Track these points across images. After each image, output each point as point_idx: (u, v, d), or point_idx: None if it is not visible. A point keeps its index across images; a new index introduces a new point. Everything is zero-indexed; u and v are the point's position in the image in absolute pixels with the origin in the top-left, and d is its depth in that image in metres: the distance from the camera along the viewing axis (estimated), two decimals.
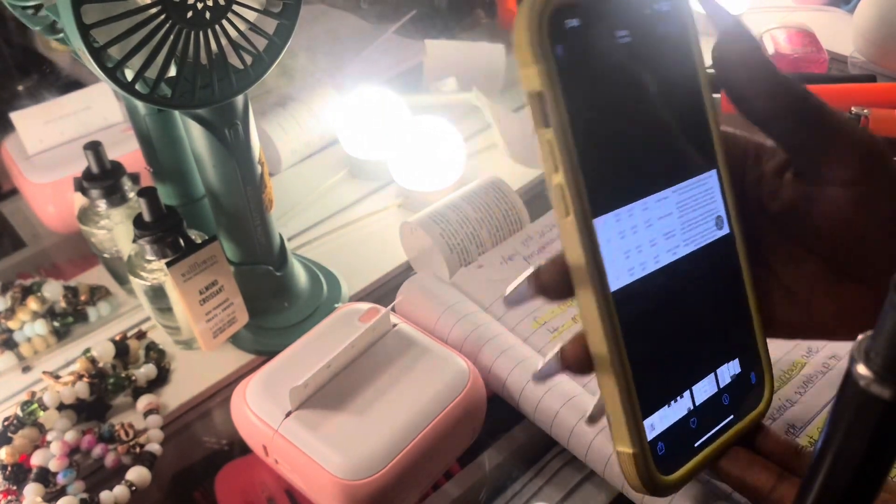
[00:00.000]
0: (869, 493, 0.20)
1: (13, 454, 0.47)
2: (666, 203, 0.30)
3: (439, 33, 0.90)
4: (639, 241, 0.29)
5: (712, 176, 0.32)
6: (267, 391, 0.44)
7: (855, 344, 0.18)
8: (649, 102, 0.29)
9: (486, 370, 0.47)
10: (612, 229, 0.28)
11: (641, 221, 0.29)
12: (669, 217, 0.30)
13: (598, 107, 0.28)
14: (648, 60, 0.29)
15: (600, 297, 0.28)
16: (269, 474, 0.47)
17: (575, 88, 0.27)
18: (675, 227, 0.31)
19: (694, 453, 0.32)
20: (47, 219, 0.66)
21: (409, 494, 0.43)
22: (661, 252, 0.30)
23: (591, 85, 0.28)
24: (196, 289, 0.48)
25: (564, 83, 0.27)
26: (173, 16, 0.38)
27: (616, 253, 0.29)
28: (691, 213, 0.31)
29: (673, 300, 0.31)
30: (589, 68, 0.28)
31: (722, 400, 0.33)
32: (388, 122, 0.68)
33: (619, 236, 0.29)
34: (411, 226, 0.56)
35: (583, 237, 0.28)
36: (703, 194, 0.32)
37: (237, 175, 0.48)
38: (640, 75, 0.29)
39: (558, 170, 0.27)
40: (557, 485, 0.45)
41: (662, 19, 0.30)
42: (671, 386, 0.31)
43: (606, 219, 0.28)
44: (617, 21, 0.28)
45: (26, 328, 0.55)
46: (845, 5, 0.92)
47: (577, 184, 0.27)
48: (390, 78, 0.82)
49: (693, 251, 0.31)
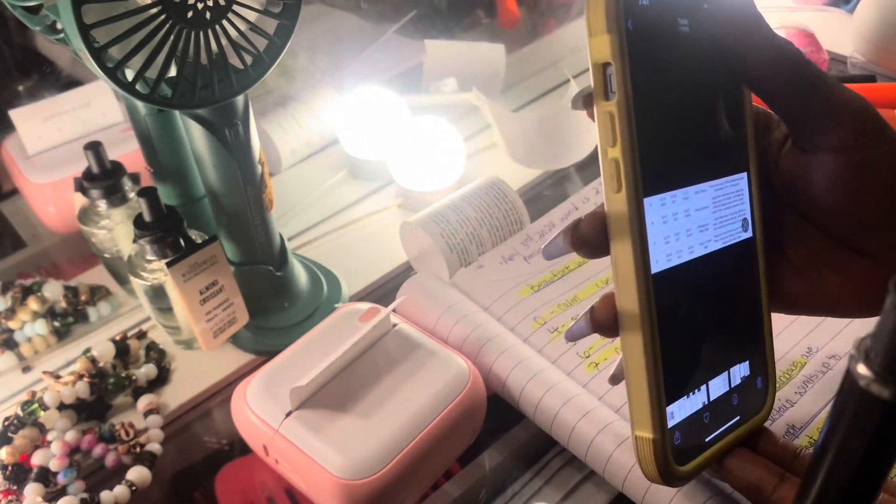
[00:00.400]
0: (869, 493, 0.20)
1: (13, 454, 0.47)
2: (704, 196, 0.30)
3: (439, 33, 0.90)
4: (678, 229, 0.30)
5: (744, 178, 0.32)
6: (267, 391, 0.44)
7: (855, 344, 0.18)
8: (700, 95, 0.30)
9: (486, 370, 0.47)
10: (657, 212, 0.29)
11: (682, 210, 0.30)
12: (705, 210, 0.31)
13: (659, 89, 0.28)
14: (703, 54, 0.30)
15: (641, 276, 0.28)
16: (269, 474, 0.47)
17: (640, 65, 0.27)
18: (708, 222, 0.31)
19: (704, 448, 0.32)
20: (47, 219, 0.66)
21: (409, 494, 0.43)
22: (695, 243, 0.31)
23: (654, 65, 0.28)
24: (196, 289, 0.48)
25: (632, 57, 0.27)
26: (173, 16, 0.38)
27: (658, 236, 0.29)
28: (723, 211, 0.31)
29: (700, 293, 0.31)
30: (655, 48, 0.28)
31: (732, 400, 0.33)
32: (388, 122, 0.68)
33: (661, 220, 0.29)
34: (411, 226, 0.56)
35: (631, 215, 0.28)
36: (734, 195, 0.32)
37: (237, 175, 0.48)
38: (695, 67, 0.29)
39: (615, 144, 0.27)
40: (557, 485, 0.45)
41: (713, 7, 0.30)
42: (692, 376, 0.32)
43: (654, 200, 0.28)
44: (681, 8, 0.29)
45: (26, 328, 0.55)
46: (845, 5, 0.92)
47: (633, 161, 0.27)
48: (390, 78, 0.82)
49: (721, 248, 0.32)
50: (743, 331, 0.34)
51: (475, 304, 0.52)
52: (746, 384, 0.34)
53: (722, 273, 0.32)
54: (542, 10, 0.95)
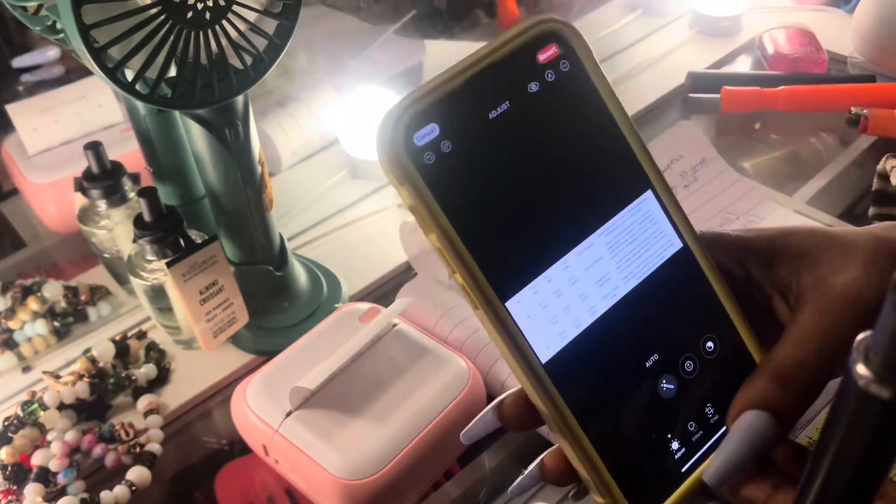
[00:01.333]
0: (868, 493, 0.20)
1: (13, 454, 0.47)
2: (592, 250, 0.29)
3: (439, 33, 0.90)
4: (566, 303, 0.28)
5: (647, 198, 0.30)
6: (267, 391, 0.44)
7: (855, 344, 0.18)
8: (543, 166, 0.28)
9: (486, 372, 0.47)
10: (529, 305, 0.27)
11: (565, 281, 0.28)
12: (601, 262, 0.29)
13: (488, 193, 0.27)
14: (533, 117, 0.28)
15: (529, 373, 0.27)
16: (269, 474, 0.47)
17: (452, 190, 0.26)
18: (609, 270, 0.29)
19: (682, 479, 0.31)
20: (47, 219, 0.66)
21: (409, 494, 0.43)
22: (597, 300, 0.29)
23: (468, 181, 0.27)
24: (196, 289, 0.48)
25: (439, 190, 0.26)
26: (173, 16, 0.38)
27: (541, 325, 0.27)
28: (628, 247, 0.29)
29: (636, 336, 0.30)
30: (462, 162, 0.27)
31: (708, 418, 0.32)
32: None
33: (540, 307, 0.27)
34: (411, 226, 0.56)
35: (497, 326, 0.27)
36: (638, 222, 0.30)
37: (237, 175, 0.48)
38: (525, 140, 0.27)
39: (455, 272, 0.27)
40: None
41: (538, 69, 0.28)
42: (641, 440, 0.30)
43: (520, 297, 0.27)
44: (481, 100, 0.27)
45: (27, 328, 0.55)
46: (845, 5, 0.92)
47: (477, 279, 0.26)
48: (390, 78, 0.82)
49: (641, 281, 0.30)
50: (696, 334, 0.31)
51: None
52: (724, 390, 0.32)
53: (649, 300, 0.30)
54: (542, 11, 0.95)
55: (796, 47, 0.80)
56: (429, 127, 0.26)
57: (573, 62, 0.28)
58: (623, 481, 0.29)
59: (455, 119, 0.26)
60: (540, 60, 0.27)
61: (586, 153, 0.28)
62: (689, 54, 0.86)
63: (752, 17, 0.89)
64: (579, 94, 0.28)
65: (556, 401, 0.28)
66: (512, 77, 0.27)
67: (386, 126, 0.26)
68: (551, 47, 0.28)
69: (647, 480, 0.30)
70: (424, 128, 0.26)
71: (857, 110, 0.68)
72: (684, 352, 0.31)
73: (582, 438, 0.28)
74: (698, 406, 0.31)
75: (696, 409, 0.31)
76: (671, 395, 0.31)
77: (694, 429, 0.31)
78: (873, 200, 0.59)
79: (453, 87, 0.27)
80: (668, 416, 0.31)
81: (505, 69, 0.27)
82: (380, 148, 0.26)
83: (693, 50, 0.87)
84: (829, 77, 0.78)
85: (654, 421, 0.30)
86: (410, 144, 0.26)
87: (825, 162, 0.69)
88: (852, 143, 0.71)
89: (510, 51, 0.27)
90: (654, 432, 0.30)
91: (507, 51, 0.27)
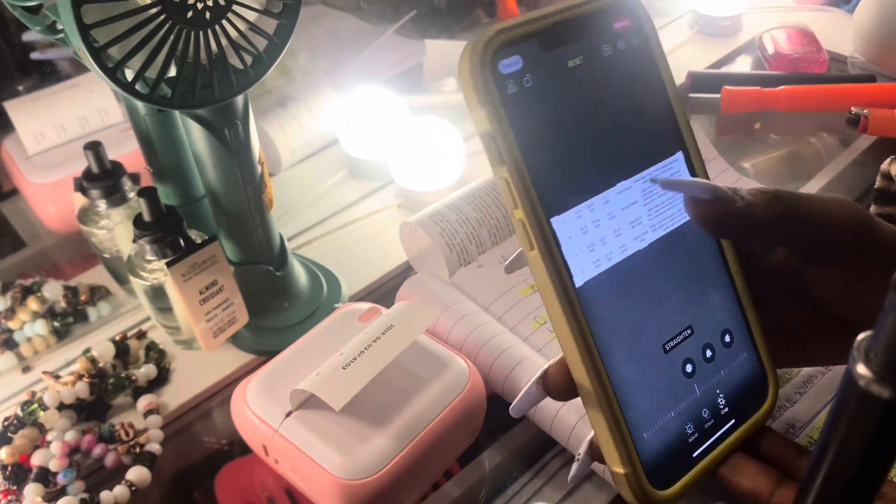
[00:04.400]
0: (868, 493, 0.20)
1: (13, 454, 0.47)
2: (629, 193, 0.31)
3: (439, 33, 0.90)
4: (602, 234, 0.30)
5: (678, 159, 0.32)
6: (267, 391, 0.44)
7: (855, 344, 0.18)
8: (600, 117, 0.30)
9: (486, 370, 0.47)
10: (571, 227, 0.29)
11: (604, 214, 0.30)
12: (635, 205, 0.31)
13: (551, 134, 0.29)
14: (601, 75, 0.30)
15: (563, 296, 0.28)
16: (269, 474, 0.47)
17: (524, 123, 0.28)
18: (641, 215, 0.31)
19: (693, 464, 0.31)
20: (47, 219, 0.66)
21: (409, 494, 0.43)
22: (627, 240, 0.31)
23: (541, 116, 0.28)
24: (196, 289, 0.48)
25: (514, 120, 0.27)
26: (173, 16, 0.38)
27: (579, 249, 0.29)
28: (658, 199, 0.32)
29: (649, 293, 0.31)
30: (537, 100, 0.28)
31: (720, 407, 0.32)
32: (388, 122, 0.68)
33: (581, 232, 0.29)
34: (411, 226, 0.56)
35: (548, 265, 0.28)
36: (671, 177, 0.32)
37: (237, 175, 0.48)
38: (592, 92, 0.30)
39: (517, 206, 0.28)
40: (557, 485, 0.45)
41: (615, 34, 0.30)
42: (663, 393, 0.31)
43: (564, 217, 0.29)
44: (564, 48, 0.29)
45: (26, 328, 0.55)
46: (845, 5, 0.92)
47: (539, 218, 0.28)
48: (390, 78, 0.82)
49: (663, 235, 0.31)
50: (718, 321, 0.33)
51: (475, 303, 0.52)
52: (736, 384, 0.33)
53: (674, 261, 0.32)
54: None
55: (796, 47, 0.80)
56: (514, 58, 0.28)
57: (641, 37, 0.31)
58: (642, 450, 0.30)
59: (539, 58, 0.28)
60: (615, 28, 0.30)
61: (637, 114, 0.31)
62: (689, 54, 0.86)
63: (752, 17, 0.89)
64: (641, 66, 0.31)
65: (584, 331, 0.29)
66: (591, 36, 0.30)
67: (476, 48, 0.27)
68: (626, 19, 0.31)
69: (663, 457, 0.31)
70: (511, 58, 0.28)
71: (857, 110, 0.68)
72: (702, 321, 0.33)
73: (606, 383, 0.29)
74: (712, 394, 0.32)
75: (710, 397, 0.32)
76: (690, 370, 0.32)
77: (707, 416, 0.32)
78: (875, 199, 0.59)
79: (542, 27, 0.29)
80: (685, 392, 0.32)
81: (586, 26, 0.30)
82: (466, 68, 0.27)
83: (693, 50, 0.87)
84: (829, 77, 0.78)
85: (672, 394, 0.31)
86: (496, 70, 0.27)
87: (825, 162, 0.69)
88: (852, 143, 0.71)
89: (592, 10, 0.30)
90: (672, 409, 0.31)
91: (590, 9, 0.30)
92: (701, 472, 0.31)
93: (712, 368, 0.32)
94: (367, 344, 0.43)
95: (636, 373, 0.30)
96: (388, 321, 0.44)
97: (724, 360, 0.33)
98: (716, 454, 0.32)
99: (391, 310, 0.46)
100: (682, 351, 0.32)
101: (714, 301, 0.33)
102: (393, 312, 0.45)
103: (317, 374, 0.42)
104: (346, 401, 0.40)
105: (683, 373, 0.32)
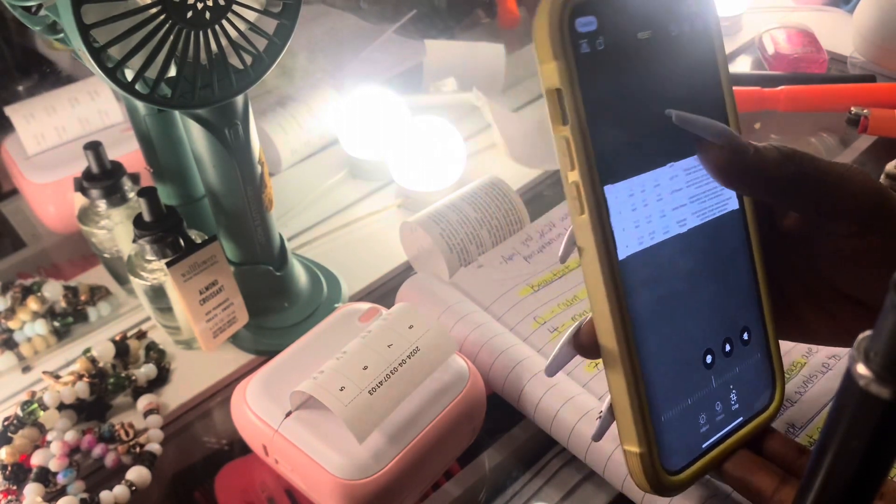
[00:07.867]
0: (868, 493, 0.20)
1: (13, 454, 0.47)
2: (677, 179, 0.31)
3: (439, 33, 0.90)
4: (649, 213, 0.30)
5: None
6: (267, 391, 0.44)
7: (855, 344, 0.18)
8: (665, 91, 0.30)
9: (486, 370, 0.47)
10: (622, 202, 0.29)
11: (653, 196, 0.30)
12: (680, 192, 0.31)
13: (618, 98, 0.29)
14: (665, 52, 0.30)
15: (606, 265, 0.29)
16: (269, 474, 0.47)
17: (592, 85, 0.28)
18: (684, 200, 0.31)
19: (701, 455, 0.32)
20: (47, 219, 0.66)
21: (409, 494, 0.43)
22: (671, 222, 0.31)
23: (607, 80, 0.28)
24: (196, 289, 0.48)
25: (584, 79, 0.27)
26: (173, 16, 0.38)
27: (626, 224, 0.29)
28: (702, 187, 0.32)
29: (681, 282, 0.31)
30: (606, 64, 0.28)
31: (731, 402, 0.33)
32: (388, 122, 0.68)
33: (630, 209, 0.29)
34: (411, 226, 0.56)
35: (595, 231, 0.28)
36: None
37: (237, 175, 0.48)
38: (655, 67, 0.30)
39: (574, 167, 0.28)
40: (557, 485, 0.45)
41: (683, 15, 0.31)
42: (683, 380, 0.31)
43: (617, 191, 0.29)
44: (636, 18, 0.29)
45: (26, 328, 0.55)
46: (845, 5, 0.92)
47: (594, 182, 0.28)
48: (390, 78, 0.82)
49: (702, 223, 0.32)
50: (739, 318, 0.33)
51: (475, 303, 0.52)
52: (748, 382, 0.33)
53: (707, 250, 0.32)
54: None
55: (797, 47, 0.80)
56: (590, 18, 0.28)
57: (706, 23, 0.32)
58: (658, 431, 0.30)
59: (613, 23, 0.28)
60: (684, 10, 0.31)
61: (692, 99, 0.32)
62: None
63: (753, 17, 0.89)
64: (702, 52, 0.32)
65: (622, 303, 0.29)
66: (662, 12, 0.30)
67: (555, 2, 0.27)
68: (694, 4, 0.31)
69: (676, 443, 0.31)
70: (587, 17, 0.28)
71: (857, 110, 0.68)
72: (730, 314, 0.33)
73: (634, 357, 0.29)
74: (726, 388, 0.33)
75: (724, 391, 0.33)
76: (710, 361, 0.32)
77: (719, 409, 0.32)
78: None
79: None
80: (703, 382, 0.32)
81: (660, 1, 0.30)
82: (545, 18, 0.27)
83: None
84: (829, 77, 0.78)
85: (692, 382, 0.32)
86: (572, 26, 0.28)
87: None
88: (852, 143, 0.71)
89: None
90: (690, 397, 0.32)
91: None
92: (707, 464, 0.32)
93: (729, 363, 0.33)
94: (394, 367, 0.42)
95: (662, 354, 0.30)
96: (413, 342, 0.43)
97: (740, 357, 0.33)
98: (723, 448, 0.32)
99: (391, 310, 0.46)
100: (705, 340, 0.32)
101: (739, 297, 0.33)
102: (394, 314, 0.45)
103: (320, 373, 0.42)
104: (370, 432, 0.39)
105: (704, 363, 0.32)
